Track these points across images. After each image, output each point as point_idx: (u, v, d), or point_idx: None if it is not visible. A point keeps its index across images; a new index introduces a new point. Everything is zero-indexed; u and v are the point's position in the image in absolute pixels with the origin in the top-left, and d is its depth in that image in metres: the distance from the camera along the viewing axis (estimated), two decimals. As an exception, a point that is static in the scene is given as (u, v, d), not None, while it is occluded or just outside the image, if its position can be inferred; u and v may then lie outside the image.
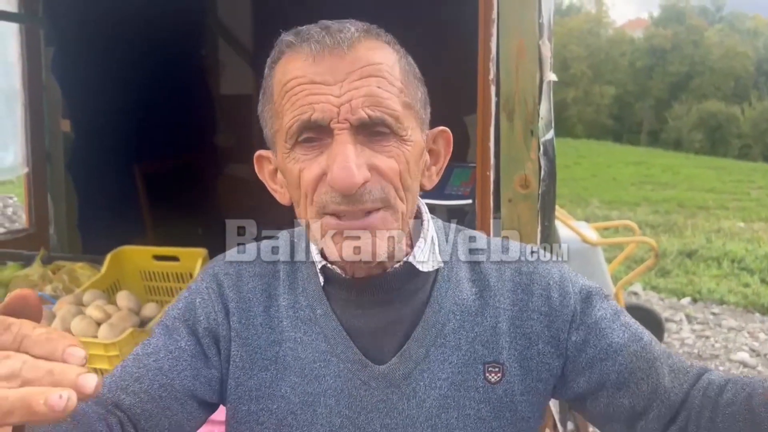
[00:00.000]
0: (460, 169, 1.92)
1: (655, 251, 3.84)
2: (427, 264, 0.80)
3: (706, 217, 8.71)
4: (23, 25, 2.63)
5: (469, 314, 0.81)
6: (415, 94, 0.75)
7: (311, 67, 0.70)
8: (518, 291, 0.81)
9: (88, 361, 1.39)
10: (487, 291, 0.82)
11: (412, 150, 0.73)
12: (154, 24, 2.97)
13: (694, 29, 23.39)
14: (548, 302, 0.81)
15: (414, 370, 0.79)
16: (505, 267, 0.83)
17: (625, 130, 22.66)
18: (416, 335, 0.79)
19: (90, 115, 2.94)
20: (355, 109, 0.69)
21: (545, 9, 1.29)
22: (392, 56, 0.73)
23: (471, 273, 0.83)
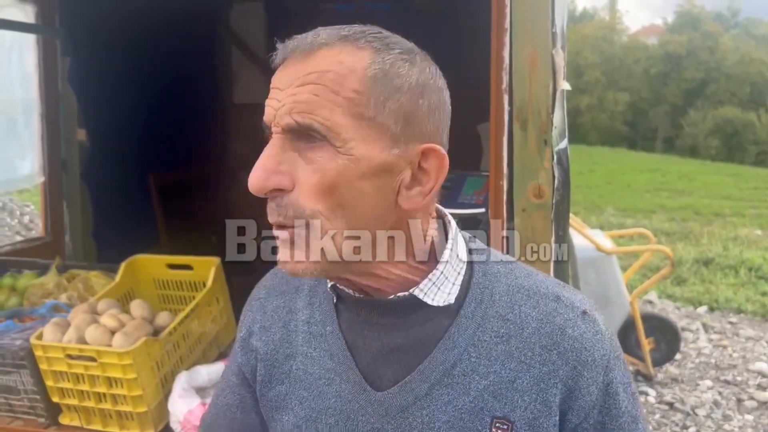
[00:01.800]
0: (473, 178, 1.91)
1: (670, 260, 3.80)
2: (437, 296, 0.75)
3: (723, 225, 8.61)
4: (40, 36, 2.67)
5: (487, 359, 0.75)
6: (380, 106, 0.68)
7: (279, 73, 0.71)
8: (552, 351, 0.74)
9: (103, 369, 1.40)
10: (515, 339, 0.75)
11: (349, 164, 0.67)
12: (168, 34, 2.99)
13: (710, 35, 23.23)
14: (576, 379, 0.74)
15: (413, 405, 0.76)
16: (542, 316, 0.76)
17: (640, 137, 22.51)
18: (421, 368, 0.75)
19: (105, 124, 2.97)
20: (283, 114, 0.68)
21: (558, 18, 1.29)
22: (358, 62, 0.68)
23: (502, 314, 0.76)
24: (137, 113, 3.06)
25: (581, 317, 0.76)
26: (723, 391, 3.87)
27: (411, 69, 0.70)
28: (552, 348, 0.74)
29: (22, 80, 2.62)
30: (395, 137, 0.69)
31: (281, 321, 0.86)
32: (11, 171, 2.63)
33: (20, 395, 1.70)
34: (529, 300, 0.77)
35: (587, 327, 0.76)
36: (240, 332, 0.92)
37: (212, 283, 1.87)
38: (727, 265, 6.49)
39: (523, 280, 0.79)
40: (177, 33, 3.05)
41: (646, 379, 3.95)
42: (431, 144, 0.71)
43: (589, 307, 0.78)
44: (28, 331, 1.72)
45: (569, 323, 0.75)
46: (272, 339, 0.86)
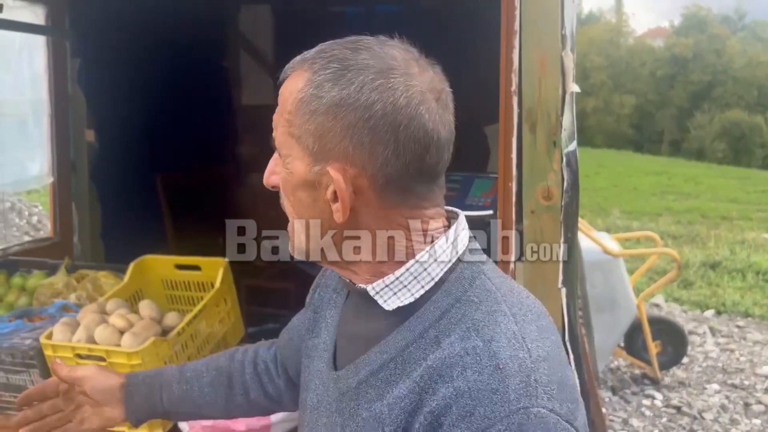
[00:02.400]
0: (480, 180, 1.91)
1: (677, 263, 3.79)
2: (390, 300, 0.76)
3: (730, 228, 8.57)
4: (50, 38, 2.69)
5: (407, 376, 0.73)
6: (302, 126, 0.73)
7: None
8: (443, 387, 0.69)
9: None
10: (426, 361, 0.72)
11: (289, 176, 0.77)
12: (177, 36, 3.01)
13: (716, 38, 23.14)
14: (443, 419, 0.68)
15: (346, 393, 0.81)
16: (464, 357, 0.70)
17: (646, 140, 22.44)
18: (357, 362, 0.80)
19: (114, 125, 2.99)
20: None
21: (568, 20, 1.29)
22: (297, 85, 0.74)
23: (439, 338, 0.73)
24: (145, 115, 3.08)
25: (491, 369, 0.68)
26: (730, 395, 3.85)
27: (333, 88, 0.71)
28: (446, 382, 0.69)
29: (32, 81, 2.63)
30: (315, 156, 0.73)
31: (333, 283, 0.96)
32: (21, 171, 2.65)
33: (29, 394, 1.71)
34: (465, 332, 0.72)
35: (489, 380, 0.67)
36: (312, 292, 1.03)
37: (220, 283, 1.88)
38: (734, 268, 6.46)
39: (479, 314, 0.73)
40: (186, 35, 3.07)
41: (653, 382, 3.93)
42: (339, 166, 0.72)
43: (513, 370, 0.68)
44: (37, 331, 1.73)
45: (474, 366, 0.69)
46: (322, 296, 0.97)
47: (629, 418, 3.56)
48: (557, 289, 1.32)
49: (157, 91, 3.07)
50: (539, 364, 0.69)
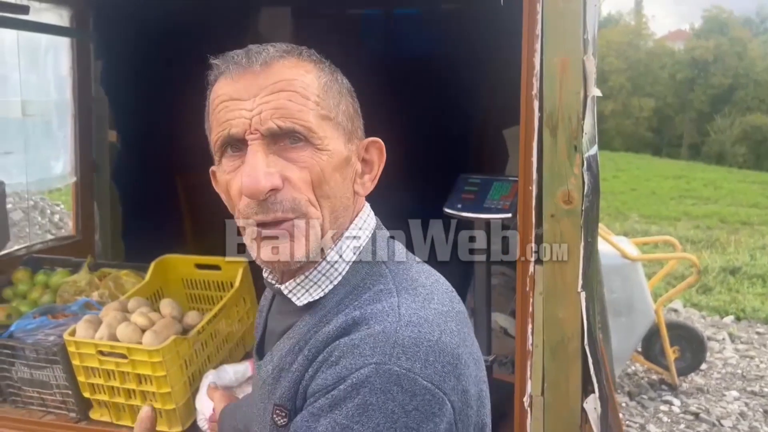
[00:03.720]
0: (499, 183, 1.90)
1: (696, 268, 3.75)
2: (303, 296, 0.83)
3: (750, 234, 8.46)
4: (74, 40, 2.73)
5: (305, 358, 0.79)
6: (336, 108, 0.80)
7: (231, 86, 0.78)
8: (322, 350, 0.76)
9: (133, 366, 1.45)
10: (312, 343, 0.79)
11: (327, 159, 0.78)
12: (197, 39, 3.03)
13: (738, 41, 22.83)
14: (316, 367, 0.76)
15: (264, 381, 0.87)
16: (344, 326, 0.76)
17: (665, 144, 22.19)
18: (272, 351, 0.87)
19: (136, 126, 3.03)
20: (264, 120, 0.75)
21: (590, 24, 1.29)
22: (310, 72, 0.79)
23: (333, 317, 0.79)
24: (166, 116, 3.11)
25: (356, 329, 0.75)
26: (750, 402, 3.80)
27: (341, 78, 0.84)
28: (323, 346, 0.77)
29: (56, 82, 2.68)
30: (348, 134, 0.82)
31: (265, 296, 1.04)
32: (45, 171, 2.69)
33: (52, 390, 1.74)
34: (348, 309, 0.78)
35: (354, 337, 0.74)
36: None
37: (240, 283, 1.90)
38: (755, 274, 6.38)
39: (368, 293, 0.79)
40: (206, 37, 3.09)
41: (671, 388, 3.90)
42: (371, 138, 0.86)
43: (377, 331, 0.73)
44: (61, 328, 1.76)
45: (347, 330, 0.75)
46: (261, 303, 1.04)
47: (646, 423, 3.52)
48: (576, 293, 1.32)
49: (178, 93, 3.10)
50: (407, 329, 0.73)
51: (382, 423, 0.69)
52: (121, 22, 2.82)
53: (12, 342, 1.74)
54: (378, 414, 0.69)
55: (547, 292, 1.33)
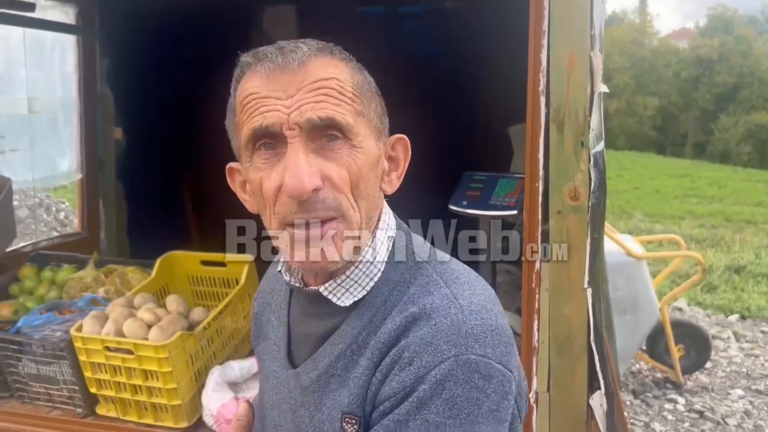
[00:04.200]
0: (505, 180, 1.90)
1: (702, 266, 3.74)
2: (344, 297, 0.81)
3: (755, 232, 8.43)
4: (80, 38, 2.74)
5: (363, 357, 0.79)
6: (368, 105, 0.80)
7: (266, 84, 0.76)
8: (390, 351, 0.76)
9: (139, 362, 1.45)
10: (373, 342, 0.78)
11: (364, 158, 0.77)
12: (202, 37, 3.04)
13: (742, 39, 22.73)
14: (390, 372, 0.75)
15: (309, 386, 0.84)
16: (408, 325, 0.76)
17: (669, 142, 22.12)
18: (315, 356, 0.84)
19: (141, 124, 3.03)
20: (304, 112, 0.74)
21: (597, 20, 1.28)
22: (344, 71, 0.78)
23: (390, 316, 0.79)
24: (171, 114, 3.11)
25: (426, 326, 0.75)
26: (754, 400, 3.79)
27: (369, 77, 0.83)
28: (391, 347, 0.76)
29: (62, 80, 2.68)
30: (378, 132, 0.81)
31: (271, 287, 0.99)
32: (51, 168, 2.70)
33: (59, 385, 1.75)
34: (403, 306, 0.78)
35: (425, 334, 0.74)
36: None
37: (245, 280, 1.90)
38: (760, 273, 6.36)
39: (414, 287, 0.80)
40: (211, 35, 3.10)
41: (676, 387, 3.89)
42: (397, 135, 0.85)
43: (445, 324, 0.74)
44: (67, 323, 1.77)
45: (414, 327, 0.75)
46: (264, 301, 1.00)
47: (651, 422, 3.52)
48: (583, 289, 1.32)
49: (182, 91, 3.11)
50: (471, 317, 0.75)
51: (472, 412, 0.71)
52: (126, 20, 2.82)
53: (19, 338, 1.75)
54: (466, 404, 0.71)
55: (552, 288, 1.33)
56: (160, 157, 3.13)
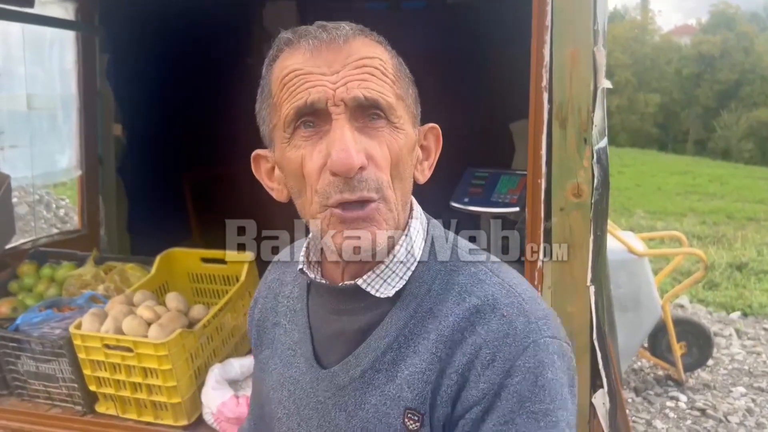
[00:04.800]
0: (507, 177, 1.89)
1: (704, 263, 3.73)
2: (382, 288, 0.79)
3: (757, 229, 8.41)
4: (80, 33, 2.72)
5: (413, 351, 0.78)
6: (406, 90, 0.79)
7: (309, 61, 0.74)
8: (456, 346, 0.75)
9: (139, 359, 1.44)
10: (434, 333, 0.77)
11: (404, 140, 0.76)
12: (203, 33, 3.03)
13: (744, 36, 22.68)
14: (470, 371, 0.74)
15: (349, 385, 0.81)
16: (461, 313, 0.76)
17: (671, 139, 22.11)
18: (357, 353, 0.81)
19: (141, 120, 3.02)
20: (351, 89, 0.72)
21: (600, 15, 1.27)
22: (384, 53, 0.77)
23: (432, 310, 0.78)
24: (172, 110, 3.10)
25: (497, 318, 0.75)
26: (756, 398, 3.78)
27: (404, 64, 0.81)
28: (460, 343, 0.75)
29: (61, 76, 2.67)
30: (414, 117, 0.80)
31: (273, 292, 0.95)
32: (51, 164, 2.69)
33: (58, 383, 1.74)
34: (458, 296, 0.78)
35: (499, 328, 0.74)
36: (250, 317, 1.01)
37: (245, 277, 1.89)
38: (762, 270, 6.34)
39: (463, 277, 0.80)
40: (212, 32, 3.09)
41: (678, 384, 3.88)
42: (430, 124, 0.83)
43: (513, 313, 0.75)
44: (66, 321, 1.76)
45: (482, 321, 0.75)
46: (265, 307, 0.95)
47: (652, 419, 3.51)
48: (586, 287, 1.31)
49: (182, 87, 3.10)
50: (532, 304, 0.77)
51: (563, 391, 0.74)
52: (126, 15, 2.81)
53: (18, 335, 1.74)
54: (557, 385, 0.73)
55: (555, 285, 1.32)
56: (160, 153, 3.12)
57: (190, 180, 3.54)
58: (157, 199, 3.08)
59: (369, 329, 0.80)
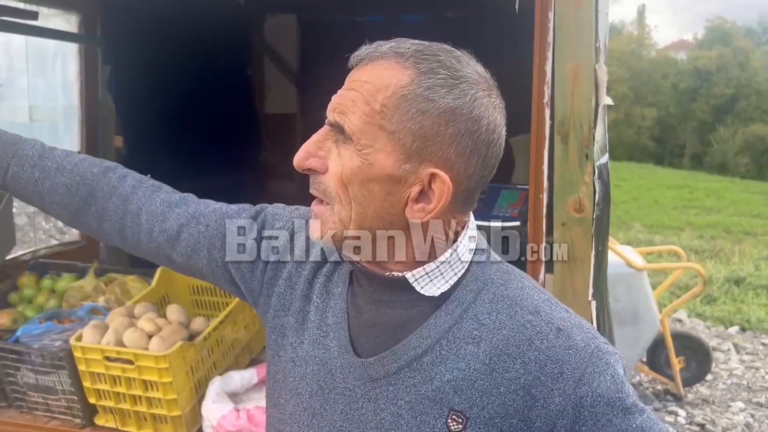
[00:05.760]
0: (508, 191, 1.90)
1: (702, 278, 3.74)
2: (427, 287, 0.82)
3: (754, 244, 8.44)
4: (82, 45, 2.74)
5: (456, 355, 0.80)
6: (404, 122, 0.75)
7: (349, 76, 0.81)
8: (516, 360, 0.79)
9: (139, 372, 1.43)
10: (485, 343, 0.80)
11: (365, 168, 0.76)
12: (204, 44, 3.05)
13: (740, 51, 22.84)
14: (540, 388, 0.78)
15: (383, 378, 0.82)
16: (515, 326, 0.80)
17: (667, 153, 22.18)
18: (396, 348, 0.82)
19: (141, 132, 3.03)
20: (330, 111, 0.79)
21: (601, 32, 1.29)
22: (395, 81, 0.75)
23: (479, 318, 0.81)
24: (172, 121, 3.11)
25: (554, 332, 0.79)
26: (755, 413, 3.78)
27: (447, 95, 0.75)
28: (516, 357, 0.79)
29: (64, 87, 2.69)
30: (409, 154, 0.76)
31: (313, 263, 0.94)
32: (52, 176, 2.69)
33: (58, 395, 1.73)
34: (509, 309, 0.81)
35: (559, 342, 0.79)
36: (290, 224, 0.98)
37: (246, 290, 1.89)
38: (759, 284, 6.35)
39: (511, 291, 0.83)
40: (213, 44, 3.11)
41: (676, 399, 3.88)
42: (439, 170, 0.76)
43: (567, 324, 0.80)
44: (67, 333, 1.76)
45: (539, 336, 0.79)
46: (301, 273, 0.94)
47: (651, 434, 3.50)
48: (587, 301, 1.31)
49: (184, 99, 3.11)
50: (575, 316, 0.83)
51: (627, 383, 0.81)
52: (128, 28, 2.83)
53: (18, 347, 1.74)
54: (623, 380, 0.80)
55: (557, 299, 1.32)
56: (161, 165, 3.11)
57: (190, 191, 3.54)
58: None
59: (406, 325, 0.83)
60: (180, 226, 1.00)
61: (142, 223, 1.01)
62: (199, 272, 1.01)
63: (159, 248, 1.01)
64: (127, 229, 1.01)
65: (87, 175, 1.03)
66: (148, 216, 1.01)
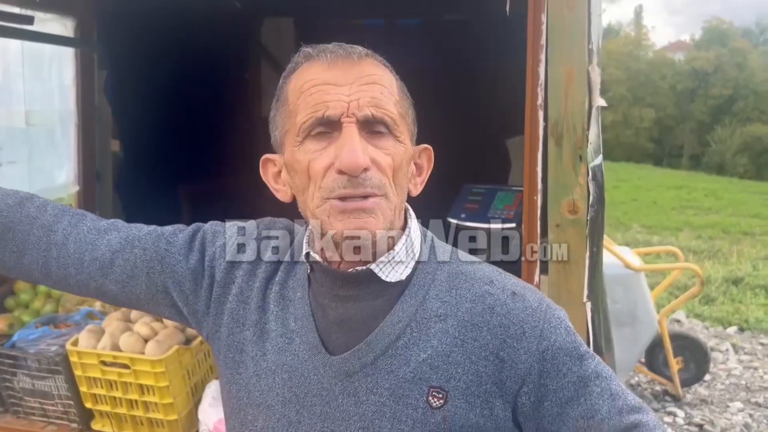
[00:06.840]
0: (503, 193, 1.91)
1: (700, 278, 3.74)
2: (391, 274, 0.85)
3: (752, 244, 8.44)
4: (78, 50, 2.74)
5: (426, 335, 0.84)
6: (407, 110, 0.87)
7: (326, 72, 0.82)
8: (482, 328, 0.84)
9: (135, 376, 1.42)
10: (451, 318, 0.85)
11: (404, 152, 0.84)
12: (200, 48, 3.05)
13: (738, 52, 22.90)
14: (507, 351, 0.83)
15: (360, 371, 0.84)
16: (475, 297, 0.86)
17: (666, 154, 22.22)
18: (369, 339, 0.84)
19: (138, 136, 3.04)
20: (362, 107, 0.80)
21: (594, 34, 1.29)
22: (389, 75, 0.86)
23: (441, 296, 0.86)
24: (169, 125, 3.12)
25: (510, 297, 0.85)
26: (754, 413, 3.78)
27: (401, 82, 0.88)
28: (482, 325, 0.84)
29: (60, 92, 2.69)
30: (412, 135, 0.88)
31: (264, 274, 0.93)
32: (48, 180, 2.69)
33: (54, 400, 1.73)
34: (466, 283, 0.87)
35: (516, 304, 0.85)
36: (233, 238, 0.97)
37: (243, 293, 1.89)
38: (757, 284, 6.35)
39: (463, 267, 0.89)
40: (210, 47, 3.11)
41: (675, 399, 3.87)
42: (424, 144, 0.91)
43: (519, 288, 0.87)
44: (63, 338, 1.76)
45: (498, 302, 0.85)
46: (252, 287, 0.93)
47: (650, 435, 3.50)
48: (582, 303, 1.32)
49: (180, 103, 3.11)
50: (523, 281, 0.91)
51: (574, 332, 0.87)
52: (125, 32, 2.83)
53: (14, 352, 1.73)
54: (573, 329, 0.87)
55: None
56: (158, 169, 3.13)
57: (187, 195, 3.54)
58: (154, 215, 3.06)
59: (377, 316, 0.85)
60: (113, 252, 0.95)
61: (70, 253, 0.95)
62: (135, 299, 0.97)
63: (90, 278, 0.96)
64: (53, 261, 0.96)
65: (1, 207, 0.97)
66: (76, 245, 0.95)
